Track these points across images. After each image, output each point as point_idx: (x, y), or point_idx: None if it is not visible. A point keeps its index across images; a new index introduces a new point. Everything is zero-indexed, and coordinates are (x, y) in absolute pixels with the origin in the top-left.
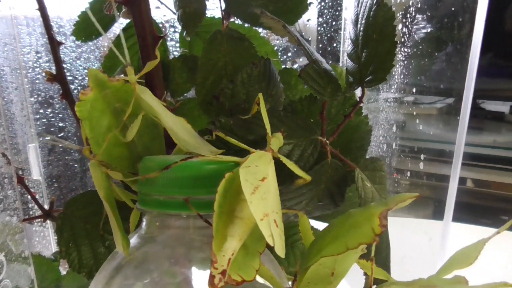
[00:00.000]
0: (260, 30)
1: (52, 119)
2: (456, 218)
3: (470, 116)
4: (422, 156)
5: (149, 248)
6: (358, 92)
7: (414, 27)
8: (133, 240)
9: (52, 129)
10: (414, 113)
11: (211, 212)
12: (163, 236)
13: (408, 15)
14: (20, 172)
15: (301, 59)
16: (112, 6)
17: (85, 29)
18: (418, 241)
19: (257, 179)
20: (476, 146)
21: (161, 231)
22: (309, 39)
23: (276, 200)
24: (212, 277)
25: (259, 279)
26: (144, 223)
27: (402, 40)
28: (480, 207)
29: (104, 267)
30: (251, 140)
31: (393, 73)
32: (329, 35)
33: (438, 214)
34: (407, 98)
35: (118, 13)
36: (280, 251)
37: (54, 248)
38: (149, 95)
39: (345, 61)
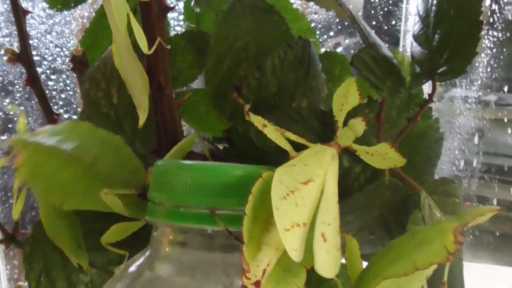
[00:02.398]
0: (292, 0)
1: (11, 113)
2: None
3: None
4: None
5: (161, 272)
6: (426, 87)
7: (508, 3)
8: (138, 263)
9: (10, 125)
10: (505, 120)
11: (241, 229)
12: (180, 257)
13: None
14: None
15: (346, 40)
16: None
17: None
18: None
19: (298, 181)
20: None
21: (177, 251)
22: (359, 13)
23: (331, 208)
24: (244, 287)
25: None
26: (153, 241)
27: (490, 20)
28: None
29: None
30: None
31: (476, 64)
32: (385, 9)
33: None
34: (494, 98)
35: None
36: (326, 270)
37: (5, 283)
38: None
39: (409, 44)
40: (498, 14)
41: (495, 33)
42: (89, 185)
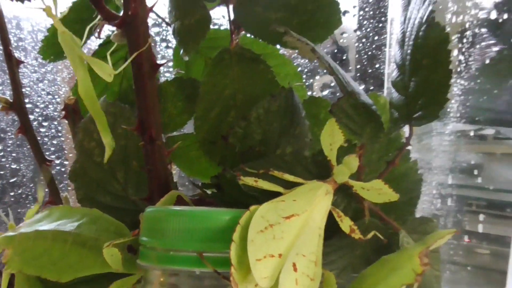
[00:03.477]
0: (278, 46)
1: (3, 160)
2: None
3: None
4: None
5: None
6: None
7: (472, 54)
8: None
9: (2, 172)
10: (497, 153)
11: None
12: None
13: (465, 40)
14: None
15: (332, 84)
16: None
17: (55, 46)
18: None
19: (281, 216)
20: None
21: None
22: (344, 57)
23: (311, 241)
24: None
25: None
26: (145, 283)
27: (458, 69)
28: None
29: None
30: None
31: (448, 109)
32: (369, 53)
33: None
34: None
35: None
36: None
37: None
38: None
39: (389, 89)
40: (464, 65)
41: (463, 82)
42: (79, 254)
